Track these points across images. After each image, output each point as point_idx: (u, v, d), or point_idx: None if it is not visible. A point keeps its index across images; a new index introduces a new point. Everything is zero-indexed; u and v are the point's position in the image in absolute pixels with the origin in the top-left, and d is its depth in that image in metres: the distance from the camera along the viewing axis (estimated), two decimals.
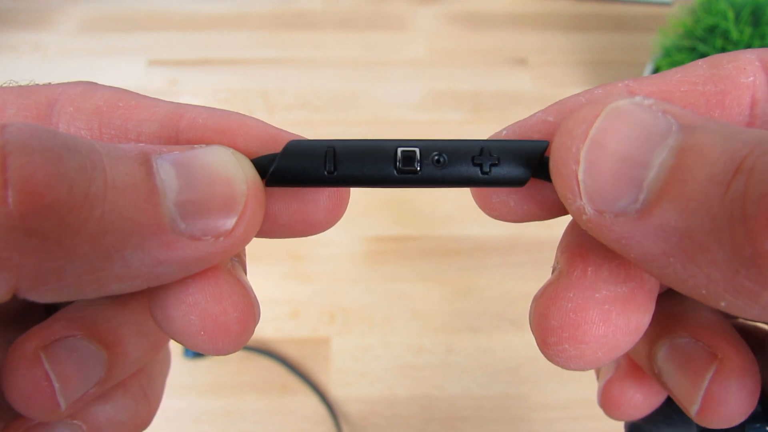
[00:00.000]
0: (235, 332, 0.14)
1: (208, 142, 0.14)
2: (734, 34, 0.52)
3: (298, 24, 0.76)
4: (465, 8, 0.78)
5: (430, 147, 0.14)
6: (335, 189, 0.15)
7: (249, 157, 0.14)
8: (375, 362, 0.47)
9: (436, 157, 0.14)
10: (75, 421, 0.16)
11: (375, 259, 0.53)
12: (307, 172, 0.13)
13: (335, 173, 0.13)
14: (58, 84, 0.15)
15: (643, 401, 0.18)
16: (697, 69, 0.14)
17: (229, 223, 0.13)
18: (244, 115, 0.14)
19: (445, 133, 0.62)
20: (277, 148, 0.14)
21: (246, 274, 0.16)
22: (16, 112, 0.14)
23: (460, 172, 0.14)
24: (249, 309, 0.14)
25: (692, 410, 0.15)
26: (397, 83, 0.68)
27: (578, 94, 0.14)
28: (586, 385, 0.45)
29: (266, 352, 0.46)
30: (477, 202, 0.15)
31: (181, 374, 0.45)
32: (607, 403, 0.19)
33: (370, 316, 0.49)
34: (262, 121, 0.14)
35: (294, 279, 0.51)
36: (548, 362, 0.14)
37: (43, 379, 0.14)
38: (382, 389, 0.45)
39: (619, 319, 0.13)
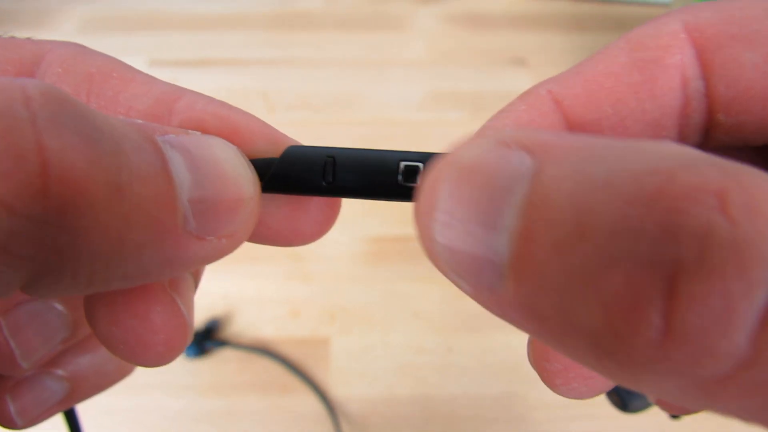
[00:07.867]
0: (157, 352, 0.13)
1: (204, 129, 0.13)
2: None
3: (298, 24, 0.76)
4: (465, 8, 0.78)
5: (434, 161, 0.13)
6: (326, 202, 0.14)
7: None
8: (375, 362, 0.47)
9: None
10: (58, 371, 0.16)
11: (375, 259, 0.53)
12: (305, 180, 0.13)
13: (334, 184, 0.13)
14: (46, 40, 0.13)
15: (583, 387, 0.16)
16: (619, 55, 0.13)
17: (234, 225, 0.12)
18: (245, 111, 0.14)
19: (446, 133, 0.62)
20: (274, 151, 0.13)
21: (196, 288, 0.15)
22: None
23: None
24: (178, 331, 0.13)
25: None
26: (397, 83, 0.68)
27: (510, 109, 0.13)
28: None
29: (266, 352, 0.46)
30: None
31: (181, 374, 0.45)
32: (546, 376, 0.16)
33: (370, 316, 0.49)
34: (262, 121, 0.14)
35: (294, 279, 0.51)
36: None
37: (4, 345, 0.14)
38: (382, 389, 0.45)
39: None
